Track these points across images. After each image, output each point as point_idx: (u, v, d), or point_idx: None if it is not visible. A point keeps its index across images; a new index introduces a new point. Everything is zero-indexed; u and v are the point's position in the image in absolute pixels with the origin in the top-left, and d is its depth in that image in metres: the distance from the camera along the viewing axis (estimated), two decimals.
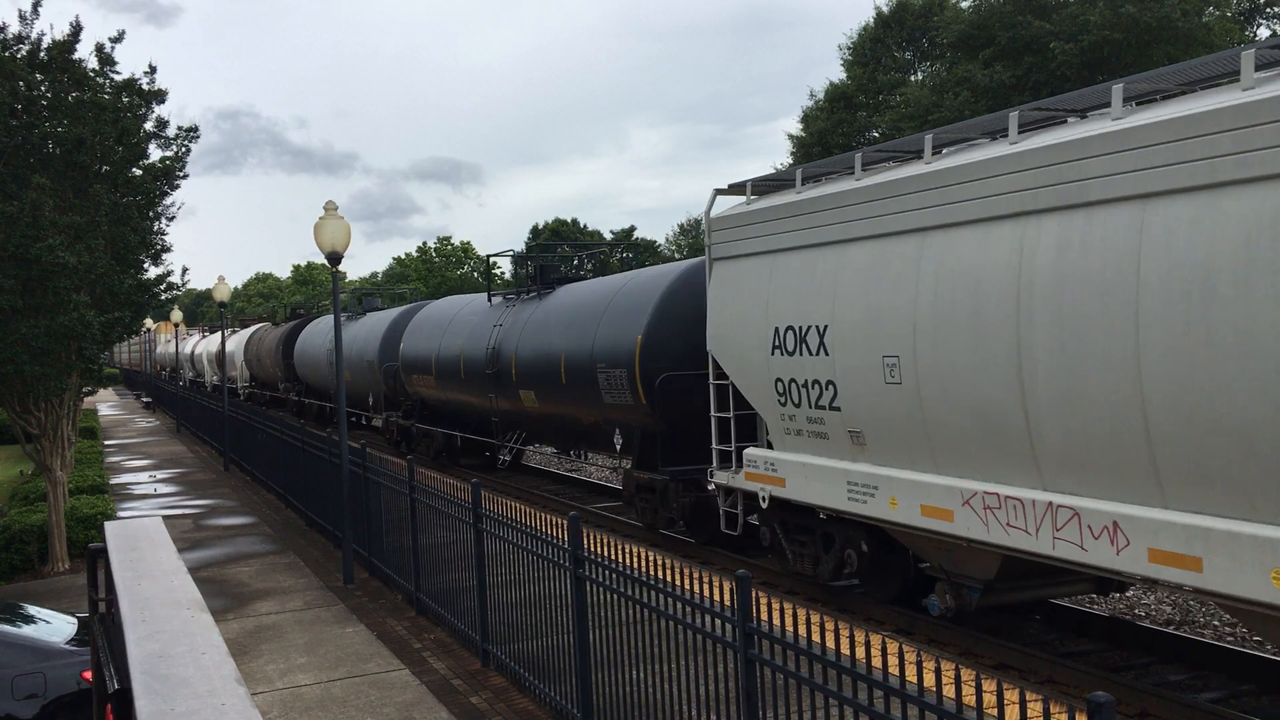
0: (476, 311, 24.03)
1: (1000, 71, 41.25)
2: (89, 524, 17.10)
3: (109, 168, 16.70)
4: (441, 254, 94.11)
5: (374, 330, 30.81)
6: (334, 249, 14.09)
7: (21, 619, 9.54)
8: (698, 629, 6.17)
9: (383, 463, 13.46)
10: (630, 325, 16.34)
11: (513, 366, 20.45)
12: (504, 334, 21.26)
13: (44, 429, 16.77)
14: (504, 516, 9.19)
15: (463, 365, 23.11)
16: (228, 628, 11.80)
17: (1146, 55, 38.63)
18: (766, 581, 13.48)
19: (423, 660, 10.43)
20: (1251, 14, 43.53)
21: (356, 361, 31.45)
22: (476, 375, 22.32)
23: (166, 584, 4.20)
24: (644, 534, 16.74)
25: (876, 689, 4.68)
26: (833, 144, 47.68)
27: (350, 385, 31.43)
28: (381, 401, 29.94)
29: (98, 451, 29.78)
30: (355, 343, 31.93)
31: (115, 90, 16.83)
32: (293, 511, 19.71)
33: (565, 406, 18.73)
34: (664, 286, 16.24)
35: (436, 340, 25.11)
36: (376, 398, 30.55)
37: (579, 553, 7.69)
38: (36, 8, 15.82)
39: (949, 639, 10.73)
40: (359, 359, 31.25)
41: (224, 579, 14.60)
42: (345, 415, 14.83)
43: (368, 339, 31.08)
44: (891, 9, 50.65)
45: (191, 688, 2.83)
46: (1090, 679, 9.19)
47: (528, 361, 19.82)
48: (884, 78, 49.28)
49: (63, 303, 15.09)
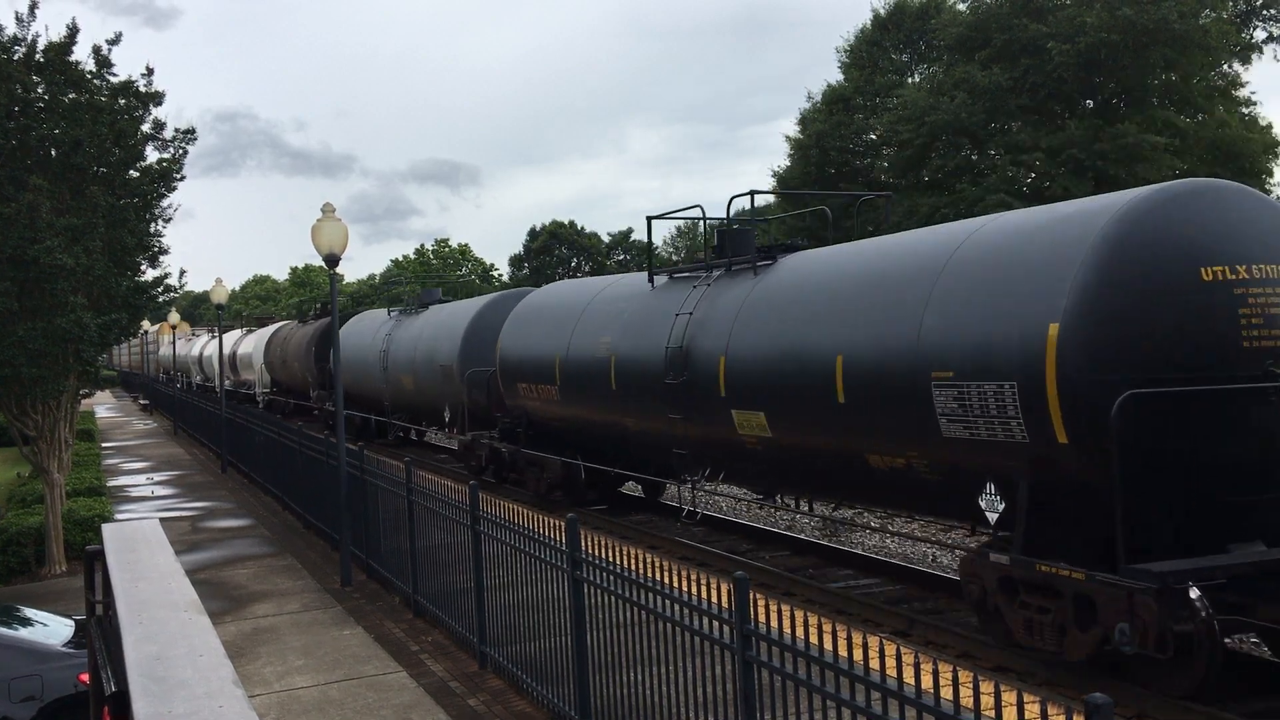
0: (632, 296, 17.42)
1: (997, 73, 41.29)
2: (86, 526, 17.07)
3: (106, 170, 16.68)
4: (439, 256, 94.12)
5: (450, 326, 24.87)
6: (332, 251, 14.09)
7: (18, 621, 9.53)
8: (695, 631, 6.16)
9: (380, 465, 13.46)
10: (1027, 299, 9.36)
11: (720, 375, 13.81)
12: (696, 326, 14.68)
13: (41, 431, 16.75)
14: (501, 519, 9.19)
15: (614, 372, 16.70)
16: (225, 630, 11.78)
17: (1143, 57, 38.71)
18: (764, 583, 13.47)
19: (420, 662, 10.42)
20: (1248, 16, 43.59)
21: (423, 365, 26.03)
22: (643, 387, 15.82)
23: (164, 586, 4.19)
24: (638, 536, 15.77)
25: (874, 691, 4.68)
26: (830, 146, 47.72)
27: (413, 394, 27.40)
28: (464, 417, 23.58)
29: (95, 454, 29.74)
30: (420, 341, 26.55)
31: (112, 92, 16.82)
32: (290, 514, 19.70)
33: (833, 438, 11.89)
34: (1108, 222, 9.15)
35: (561, 338, 18.71)
36: (456, 411, 24.42)
37: (576, 555, 7.69)
38: (33, 9, 15.82)
39: (947, 641, 10.74)
40: (426, 362, 25.78)
41: (222, 581, 14.58)
42: (343, 417, 14.82)
43: (439, 337, 25.26)
44: (889, 11, 50.69)
45: (189, 690, 2.83)
46: (1089, 681, 9.19)
47: (753, 368, 13.26)
48: (881, 80, 49.31)
49: (60, 305, 15.09)
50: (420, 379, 26.20)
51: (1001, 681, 8.59)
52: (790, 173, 50.54)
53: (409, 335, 27.82)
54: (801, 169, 49.13)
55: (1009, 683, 8.82)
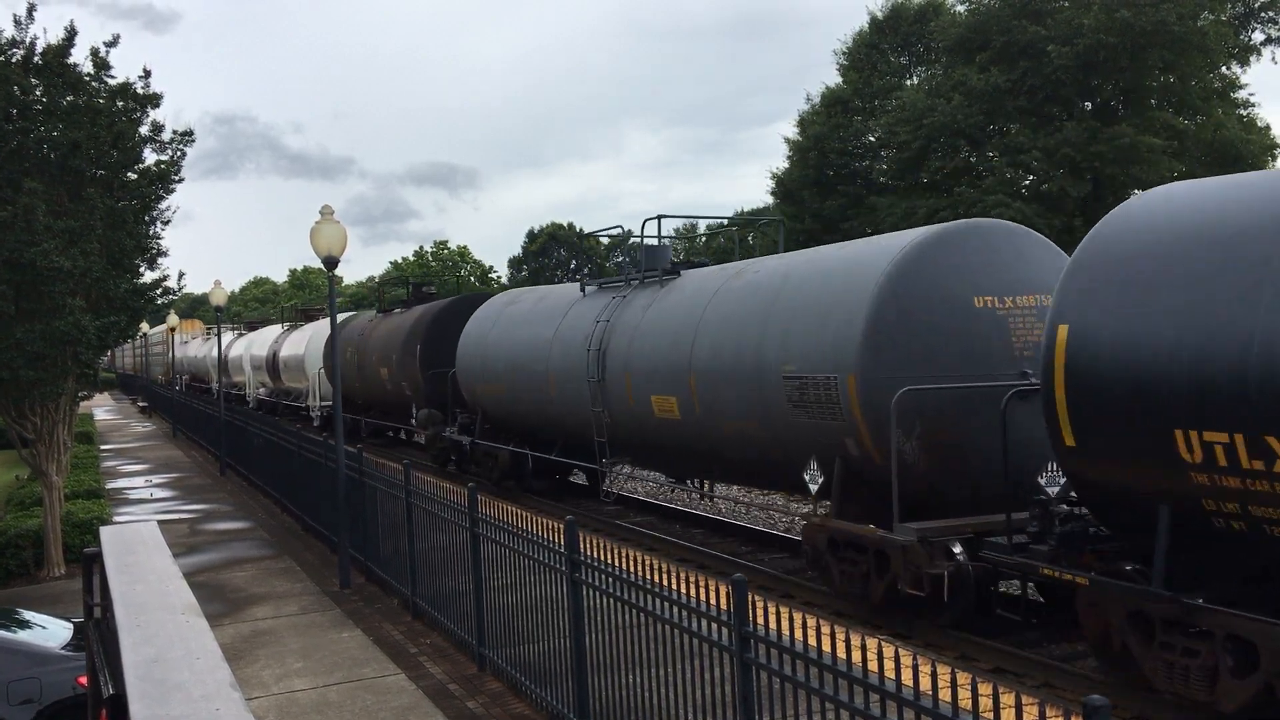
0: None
1: (995, 75, 41.34)
2: (85, 529, 17.07)
3: (104, 172, 16.69)
4: (438, 258, 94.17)
5: None
6: (330, 253, 14.10)
7: (17, 624, 9.52)
8: (694, 633, 6.16)
9: (379, 467, 13.45)
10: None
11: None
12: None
13: (40, 434, 16.75)
14: (500, 521, 9.19)
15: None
16: (223, 633, 11.78)
17: (1141, 59, 38.78)
18: (763, 585, 13.46)
19: (419, 665, 10.41)
20: (1246, 18, 43.64)
21: (572, 358, 19.45)
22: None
23: (162, 589, 4.18)
24: None
25: (873, 692, 4.68)
26: (829, 148, 47.76)
27: None
28: None
29: (94, 456, 29.72)
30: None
31: (110, 94, 16.83)
32: (289, 516, 19.69)
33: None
34: None
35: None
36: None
37: (575, 557, 7.69)
38: (31, 12, 15.83)
39: (946, 643, 10.74)
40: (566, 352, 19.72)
41: (220, 584, 14.58)
42: (342, 418, 14.83)
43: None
44: (886, 14, 50.75)
45: (186, 693, 2.82)
46: (1087, 683, 9.20)
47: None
48: (880, 82, 49.37)
49: (58, 307, 15.08)
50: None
51: (1000, 683, 8.59)
52: (789, 175, 50.59)
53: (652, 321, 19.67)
54: (800, 171, 49.20)
55: (1007, 684, 8.83)
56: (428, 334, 25.43)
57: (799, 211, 49.22)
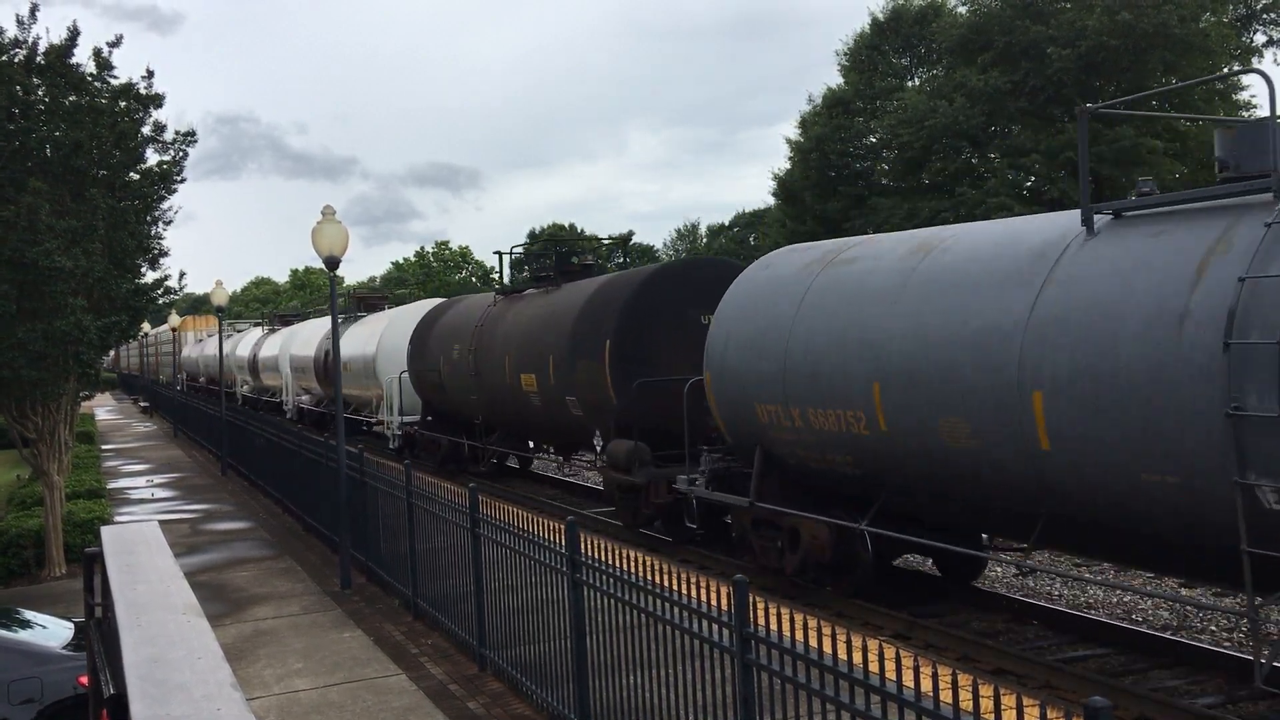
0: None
1: (997, 76, 41.32)
2: (86, 528, 17.08)
3: (106, 172, 16.71)
4: (439, 259, 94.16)
5: None
6: (332, 253, 14.10)
7: (18, 624, 9.53)
8: (695, 634, 6.16)
9: (380, 467, 13.45)
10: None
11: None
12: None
13: (41, 433, 16.76)
14: (501, 522, 9.18)
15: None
16: (224, 633, 11.78)
17: (1143, 61, 38.74)
18: (764, 585, 13.45)
19: (420, 665, 10.41)
20: (1248, 19, 43.60)
21: None
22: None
23: (163, 589, 4.18)
24: None
25: (874, 694, 4.68)
26: (830, 149, 47.73)
27: None
28: None
29: (95, 456, 29.74)
30: None
31: (113, 95, 16.84)
32: (290, 516, 19.69)
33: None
34: None
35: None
36: None
37: (576, 557, 7.69)
38: (34, 12, 15.84)
39: (947, 644, 10.73)
40: None
41: (221, 584, 14.58)
42: (343, 418, 14.83)
43: None
44: (887, 15, 50.72)
45: (187, 693, 2.82)
46: (1088, 684, 9.19)
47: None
48: (881, 83, 49.34)
49: (60, 307, 15.09)
50: None
51: (1001, 685, 8.58)
52: (791, 175, 50.57)
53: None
54: (802, 172, 49.16)
55: (1009, 686, 8.82)
56: (622, 321, 16.89)
57: (801, 212, 49.18)
